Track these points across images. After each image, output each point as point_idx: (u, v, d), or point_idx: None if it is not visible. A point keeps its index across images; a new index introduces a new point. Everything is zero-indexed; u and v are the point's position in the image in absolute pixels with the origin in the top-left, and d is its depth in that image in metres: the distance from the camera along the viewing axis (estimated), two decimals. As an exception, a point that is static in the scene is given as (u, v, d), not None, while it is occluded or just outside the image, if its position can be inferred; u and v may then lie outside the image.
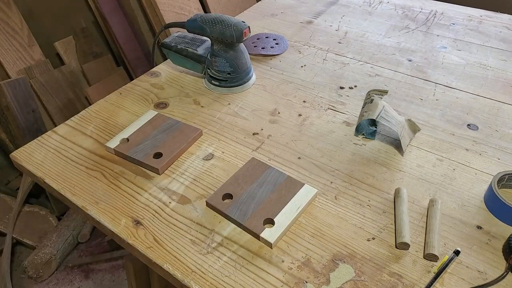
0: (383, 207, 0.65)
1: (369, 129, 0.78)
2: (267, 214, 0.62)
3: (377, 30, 1.14)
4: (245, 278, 0.56)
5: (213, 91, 0.92)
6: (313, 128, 0.81)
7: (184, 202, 0.67)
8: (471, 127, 0.80)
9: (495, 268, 0.56)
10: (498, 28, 1.13)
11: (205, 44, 0.94)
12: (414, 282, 0.54)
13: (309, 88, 0.92)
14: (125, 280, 1.50)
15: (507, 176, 0.66)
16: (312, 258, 0.58)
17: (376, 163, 0.73)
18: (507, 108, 0.85)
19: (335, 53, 1.05)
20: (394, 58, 1.02)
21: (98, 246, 1.62)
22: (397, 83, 0.93)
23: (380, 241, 0.60)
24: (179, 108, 0.88)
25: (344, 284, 0.55)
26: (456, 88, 0.91)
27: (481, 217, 0.63)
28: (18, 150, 0.78)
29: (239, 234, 0.61)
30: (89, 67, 1.76)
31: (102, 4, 1.69)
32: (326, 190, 0.68)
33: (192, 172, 0.72)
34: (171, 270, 0.57)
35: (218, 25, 0.85)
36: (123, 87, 0.95)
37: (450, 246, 0.59)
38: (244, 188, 0.67)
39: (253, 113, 0.85)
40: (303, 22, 1.20)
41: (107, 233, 0.65)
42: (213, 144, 0.78)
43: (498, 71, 0.96)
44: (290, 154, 0.75)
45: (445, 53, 1.03)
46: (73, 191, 0.69)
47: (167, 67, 1.02)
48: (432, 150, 0.75)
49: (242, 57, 0.90)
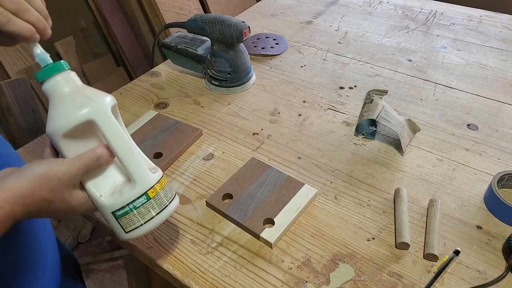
0: (383, 207, 0.65)
1: (369, 129, 0.78)
2: (267, 214, 0.62)
3: (377, 30, 1.14)
4: (245, 278, 0.56)
5: (213, 91, 0.92)
6: (313, 128, 0.81)
7: (184, 202, 0.67)
8: (471, 127, 0.80)
9: (495, 268, 0.56)
10: (498, 28, 1.13)
11: (205, 44, 0.94)
12: (414, 282, 0.54)
13: (309, 88, 0.92)
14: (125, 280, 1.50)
15: (507, 176, 0.66)
16: (312, 258, 0.58)
17: (376, 163, 0.73)
18: (507, 108, 0.85)
19: (335, 53, 1.05)
20: (394, 58, 1.02)
21: (98, 246, 1.62)
22: (397, 83, 0.93)
23: (380, 241, 0.60)
24: (179, 108, 0.88)
25: (344, 284, 0.55)
26: (456, 88, 0.91)
27: (481, 217, 0.63)
28: (18, 150, 0.78)
29: (239, 234, 0.61)
30: (89, 67, 1.76)
31: (102, 4, 1.69)
32: (326, 190, 0.68)
33: (192, 172, 0.72)
34: (171, 270, 0.57)
35: (218, 25, 0.85)
36: (123, 87, 0.95)
37: (450, 246, 0.59)
38: (244, 188, 0.67)
39: (253, 113, 0.85)
40: (303, 22, 1.20)
41: (107, 232, 0.65)
42: (213, 144, 0.78)
43: (498, 71, 0.96)
44: (290, 154, 0.75)
45: (445, 53, 1.03)
46: (73, 191, 0.69)
47: (167, 67, 1.02)
48: (432, 150, 0.75)
49: (242, 57, 0.90)
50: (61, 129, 0.44)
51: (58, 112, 0.45)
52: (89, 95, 0.46)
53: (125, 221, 0.48)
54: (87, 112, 0.45)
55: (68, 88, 0.46)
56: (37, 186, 0.40)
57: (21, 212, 0.39)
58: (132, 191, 0.47)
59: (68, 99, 0.45)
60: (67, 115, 0.44)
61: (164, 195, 0.50)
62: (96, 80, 1.76)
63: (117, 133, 0.46)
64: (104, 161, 0.46)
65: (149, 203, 0.48)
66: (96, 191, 0.47)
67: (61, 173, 0.42)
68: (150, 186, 0.48)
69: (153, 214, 0.48)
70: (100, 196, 0.47)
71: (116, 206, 0.47)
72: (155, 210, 0.49)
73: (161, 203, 0.49)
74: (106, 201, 0.47)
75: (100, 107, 0.45)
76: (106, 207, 0.47)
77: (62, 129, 0.44)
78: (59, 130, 0.45)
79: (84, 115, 0.44)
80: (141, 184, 0.47)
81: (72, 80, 0.47)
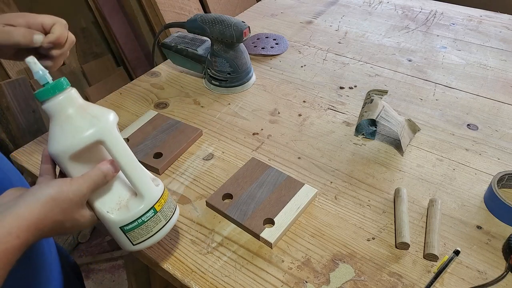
0: (383, 207, 0.65)
1: (369, 129, 0.78)
2: (267, 214, 0.62)
3: (377, 30, 1.14)
4: (245, 278, 0.56)
5: (213, 91, 0.92)
6: (313, 128, 0.81)
7: (184, 202, 0.67)
8: (471, 127, 0.80)
9: (495, 268, 0.56)
10: (498, 28, 1.13)
11: (205, 44, 0.94)
12: (414, 282, 0.54)
13: (309, 88, 0.92)
14: (125, 280, 1.50)
15: (507, 176, 0.66)
16: (312, 258, 0.58)
17: (376, 163, 0.73)
18: (507, 108, 0.85)
19: (335, 53, 1.05)
20: (394, 58, 1.02)
21: (98, 246, 1.62)
22: (397, 83, 0.93)
23: (380, 241, 0.60)
24: (179, 108, 0.88)
25: (344, 284, 0.55)
26: (456, 88, 0.91)
27: (481, 217, 0.63)
28: (18, 150, 0.78)
29: (239, 234, 0.61)
30: (89, 67, 1.76)
31: (102, 4, 1.69)
32: (326, 190, 0.68)
33: (192, 172, 0.72)
34: (171, 270, 0.57)
35: (218, 25, 0.85)
36: (123, 87, 0.95)
37: (450, 246, 0.59)
38: (244, 188, 0.67)
39: (253, 113, 0.85)
40: (303, 22, 1.20)
41: (107, 233, 0.65)
42: (213, 144, 0.78)
43: (498, 71, 0.96)
44: (290, 154, 0.75)
45: (445, 53, 1.03)
46: (73, 191, 0.69)
47: (167, 67, 1.02)
48: (432, 150, 0.75)
49: (242, 57, 0.90)
50: (69, 151, 0.45)
51: (64, 133, 0.45)
52: (94, 115, 0.46)
53: (133, 235, 0.49)
54: (95, 132, 0.45)
55: (72, 108, 0.46)
56: (49, 209, 0.41)
57: (34, 238, 0.40)
58: (140, 206, 0.49)
59: (73, 119, 0.45)
60: (74, 136, 0.44)
61: (168, 207, 0.52)
62: (96, 80, 1.76)
63: (124, 150, 0.48)
64: (110, 177, 0.47)
65: (156, 217, 0.50)
66: (103, 207, 0.48)
67: (72, 193, 0.43)
68: (156, 200, 0.50)
69: (160, 226, 0.50)
70: (107, 212, 0.48)
71: (125, 222, 0.48)
72: (162, 222, 0.51)
73: (166, 215, 0.51)
74: (114, 217, 0.48)
75: (106, 127, 0.46)
76: (114, 223, 0.48)
77: (70, 150, 0.45)
78: (67, 152, 0.45)
79: (93, 136, 0.45)
80: (148, 199, 0.49)
81: (74, 99, 0.46)
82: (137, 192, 0.49)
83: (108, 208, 0.48)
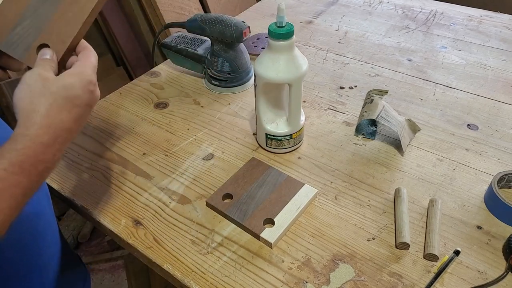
0: (383, 207, 0.65)
1: (369, 129, 0.78)
2: (267, 214, 0.62)
3: (377, 30, 1.14)
4: (245, 278, 0.56)
5: (213, 91, 0.92)
6: (313, 128, 0.81)
7: (184, 202, 0.67)
8: (471, 127, 0.80)
9: (495, 268, 0.56)
10: (498, 28, 1.13)
11: (205, 44, 0.94)
12: (414, 282, 0.54)
13: (309, 88, 0.92)
14: (125, 280, 1.50)
15: (507, 176, 0.66)
16: (312, 258, 0.58)
17: (376, 163, 0.73)
18: (507, 108, 0.85)
19: (335, 53, 1.05)
20: (394, 58, 1.02)
21: (98, 246, 1.62)
22: (397, 83, 0.93)
23: (380, 241, 0.60)
24: (179, 108, 0.88)
25: (344, 284, 0.55)
26: (456, 88, 0.91)
27: (481, 217, 0.63)
28: (18, 150, 0.78)
29: (239, 234, 0.61)
30: (89, 67, 1.76)
31: (102, 4, 1.68)
32: (326, 190, 0.68)
33: (192, 172, 0.72)
34: (171, 270, 0.57)
35: (218, 25, 0.85)
36: (123, 87, 0.95)
37: (450, 246, 0.59)
38: (244, 188, 0.67)
39: (253, 113, 0.85)
40: (303, 22, 1.20)
41: (107, 233, 0.65)
42: (213, 144, 0.78)
43: (498, 71, 0.96)
44: (290, 154, 0.75)
45: (445, 53, 1.03)
46: (73, 191, 0.69)
47: (167, 67, 1.02)
48: (432, 150, 0.75)
49: (242, 57, 0.90)
50: (270, 80, 0.67)
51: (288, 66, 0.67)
52: (299, 64, 0.68)
53: (269, 142, 0.74)
54: (303, 73, 0.68)
55: (295, 51, 0.68)
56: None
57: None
58: (285, 128, 0.72)
59: (297, 58, 0.68)
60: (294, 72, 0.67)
61: (298, 138, 0.75)
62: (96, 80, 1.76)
63: (300, 96, 0.70)
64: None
65: (289, 141, 0.73)
66: (264, 117, 0.72)
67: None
68: (296, 131, 0.73)
69: (287, 146, 0.74)
70: (264, 122, 0.72)
71: (271, 132, 0.72)
72: (290, 145, 0.74)
73: (295, 142, 0.74)
74: (267, 126, 0.72)
75: (300, 76, 0.68)
76: (265, 130, 0.72)
77: (270, 80, 0.67)
78: (267, 79, 0.67)
79: (304, 73, 0.69)
80: (291, 128, 0.72)
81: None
82: (289, 121, 0.72)
83: (266, 120, 0.72)
